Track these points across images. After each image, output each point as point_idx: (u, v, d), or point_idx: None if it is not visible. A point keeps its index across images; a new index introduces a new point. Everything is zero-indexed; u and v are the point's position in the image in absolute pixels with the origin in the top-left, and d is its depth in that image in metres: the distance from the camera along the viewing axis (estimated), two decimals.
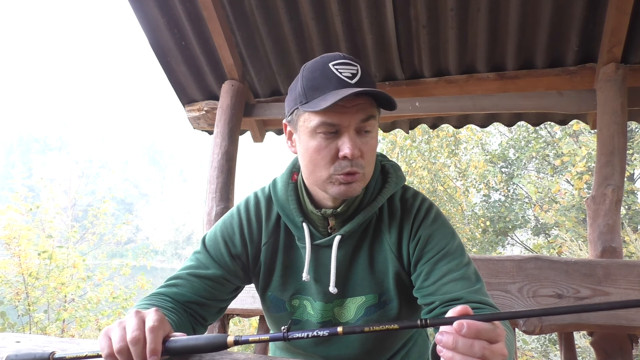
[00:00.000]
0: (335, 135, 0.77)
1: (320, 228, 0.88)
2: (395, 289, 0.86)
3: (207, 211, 1.94)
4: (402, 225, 0.88)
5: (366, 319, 0.87)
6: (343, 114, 0.75)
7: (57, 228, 5.90)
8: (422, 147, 7.78)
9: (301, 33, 2.00)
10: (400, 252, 0.87)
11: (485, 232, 7.54)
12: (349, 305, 0.88)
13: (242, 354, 0.75)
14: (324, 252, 0.88)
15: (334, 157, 0.77)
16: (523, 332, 1.29)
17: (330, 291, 0.84)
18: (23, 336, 0.80)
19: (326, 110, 0.74)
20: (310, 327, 0.90)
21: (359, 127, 0.77)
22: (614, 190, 1.58)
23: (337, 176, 0.78)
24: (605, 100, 1.68)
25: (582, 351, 4.68)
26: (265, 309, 0.97)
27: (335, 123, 0.75)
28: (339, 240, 0.85)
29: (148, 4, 1.91)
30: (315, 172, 0.80)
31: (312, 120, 0.77)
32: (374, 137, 0.81)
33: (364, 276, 0.87)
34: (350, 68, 0.77)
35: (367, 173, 0.80)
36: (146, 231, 36.07)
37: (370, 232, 0.88)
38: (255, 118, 2.20)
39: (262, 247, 0.92)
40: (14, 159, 51.75)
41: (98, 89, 71.85)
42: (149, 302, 0.80)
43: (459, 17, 1.80)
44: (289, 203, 0.89)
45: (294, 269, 0.91)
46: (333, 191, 0.80)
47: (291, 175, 0.92)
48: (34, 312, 4.75)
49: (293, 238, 0.91)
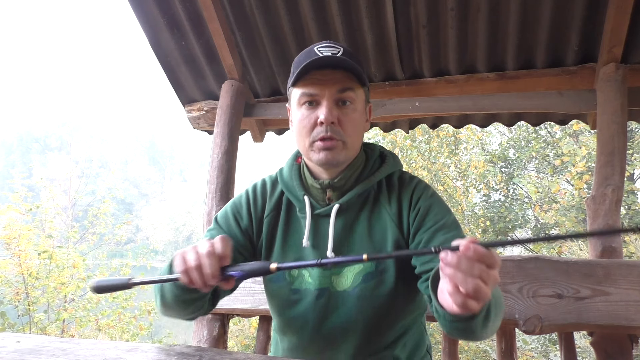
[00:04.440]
0: (316, 106, 0.86)
1: (320, 201, 0.95)
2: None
3: (207, 211, 1.94)
4: (401, 197, 0.94)
5: (363, 286, 0.90)
6: (320, 85, 0.85)
7: (57, 228, 5.91)
8: (422, 147, 7.78)
9: (301, 33, 2.00)
10: (400, 220, 0.92)
11: (485, 232, 7.54)
12: (346, 274, 0.92)
13: (242, 354, 0.75)
14: (323, 222, 0.94)
15: (313, 124, 0.86)
16: (523, 332, 1.29)
17: (328, 257, 0.89)
18: (23, 336, 0.80)
19: (305, 83, 0.86)
20: (308, 295, 0.93)
21: (337, 97, 0.86)
22: (614, 190, 1.58)
23: (316, 142, 0.86)
24: (605, 100, 1.68)
25: (582, 351, 4.68)
26: (266, 284, 1.01)
27: (313, 93, 0.86)
28: (337, 209, 0.92)
29: (148, 4, 1.91)
30: (300, 141, 0.90)
31: (297, 94, 0.88)
32: (356, 109, 0.88)
33: (362, 245, 0.92)
34: (332, 49, 0.87)
35: (349, 143, 0.88)
36: (146, 231, 36.06)
37: (369, 203, 0.95)
38: (255, 118, 2.20)
39: (265, 219, 0.99)
40: (14, 159, 51.77)
41: (98, 89, 71.89)
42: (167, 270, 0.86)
43: (459, 17, 1.80)
44: (292, 180, 0.97)
45: (293, 239, 0.96)
46: (315, 158, 0.88)
47: (296, 158, 1.01)
48: (34, 312, 4.76)
49: (293, 211, 0.98)
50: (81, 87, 70.98)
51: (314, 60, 0.83)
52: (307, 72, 0.85)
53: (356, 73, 0.86)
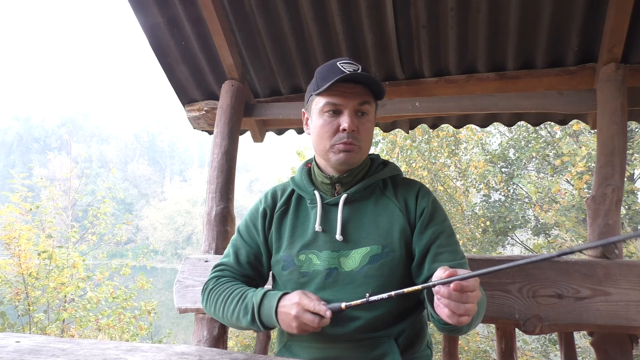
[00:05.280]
0: (337, 115, 1.01)
1: (329, 195, 1.09)
2: (399, 241, 1.02)
3: (207, 211, 1.93)
4: (407, 193, 1.08)
5: (369, 267, 1.01)
6: (344, 97, 1.00)
7: (57, 228, 5.91)
8: (422, 147, 7.76)
9: (301, 33, 2.00)
10: (407, 211, 1.05)
11: (485, 232, 7.53)
12: (354, 256, 1.02)
13: (242, 354, 0.75)
14: (332, 210, 1.07)
15: (335, 130, 1.01)
16: (523, 332, 1.29)
17: (337, 239, 1.02)
18: (23, 336, 0.80)
19: (330, 93, 1.00)
20: (316, 276, 1.03)
21: (356, 109, 1.01)
22: (614, 190, 1.58)
23: (337, 145, 1.01)
24: (605, 100, 1.68)
25: (582, 351, 4.68)
26: (278, 275, 1.11)
27: (337, 103, 1.00)
28: (345, 199, 1.06)
29: (148, 4, 1.91)
30: (320, 143, 1.04)
31: (320, 102, 1.02)
32: (370, 120, 1.04)
33: (369, 230, 1.03)
34: (353, 65, 1.01)
35: (363, 148, 1.03)
36: (146, 231, 35.98)
37: (375, 196, 1.08)
38: (255, 118, 2.20)
39: (275, 214, 1.13)
40: (14, 159, 51.70)
41: (98, 89, 71.84)
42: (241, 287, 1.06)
43: (459, 17, 1.80)
44: (303, 180, 1.13)
45: (302, 228, 1.09)
46: (335, 158, 1.02)
47: (306, 164, 1.18)
48: (33, 312, 4.76)
49: (303, 204, 1.12)
50: (81, 87, 70.95)
51: (345, 76, 0.97)
52: (334, 84, 0.98)
53: (374, 89, 1.02)
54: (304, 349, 1.03)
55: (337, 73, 0.98)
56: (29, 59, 78.49)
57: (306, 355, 1.02)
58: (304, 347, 1.04)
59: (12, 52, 78.28)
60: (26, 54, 79.88)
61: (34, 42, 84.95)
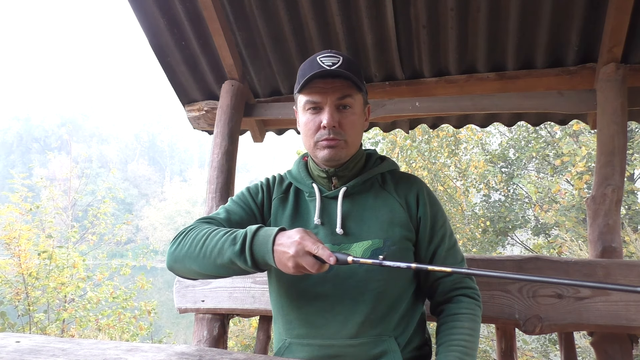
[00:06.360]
0: (319, 111, 1.00)
1: (327, 188, 1.07)
2: (400, 235, 1.02)
3: (207, 211, 1.94)
4: (408, 187, 1.08)
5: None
6: (322, 93, 0.98)
7: (57, 228, 5.91)
8: (422, 147, 7.76)
9: (301, 33, 2.00)
10: (408, 205, 1.06)
11: (485, 232, 7.53)
12: (355, 249, 1.01)
13: (242, 354, 0.75)
14: (331, 203, 1.06)
15: (317, 127, 1.00)
16: (523, 332, 1.29)
17: (337, 232, 1.01)
18: (23, 336, 0.80)
19: (310, 91, 0.99)
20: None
21: (337, 103, 0.99)
22: (614, 190, 1.58)
23: (320, 142, 1.00)
24: (605, 100, 1.68)
25: (582, 351, 4.68)
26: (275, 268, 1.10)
27: (316, 100, 0.99)
28: (344, 192, 1.05)
29: (148, 4, 1.91)
30: (306, 140, 1.04)
31: (302, 100, 1.01)
32: (355, 113, 1.02)
33: (369, 224, 1.02)
34: (333, 59, 0.98)
35: (349, 141, 1.01)
36: (146, 231, 35.99)
37: (374, 189, 1.08)
38: (255, 118, 2.20)
39: (273, 200, 1.12)
40: (14, 159, 51.71)
41: (98, 89, 71.87)
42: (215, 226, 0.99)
43: (459, 17, 1.80)
44: (300, 173, 1.11)
45: (301, 220, 1.07)
46: (320, 155, 1.01)
47: (302, 158, 1.16)
48: (34, 312, 4.75)
49: (302, 196, 1.11)
50: (81, 86, 70.97)
51: (317, 73, 0.96)
52: (310, 81, 0.97)
53: (353, 81, 0.98)
54: (303, 347, 1.02)
55: (316, 68, 0.96)
56: (29, 59, 78.49)
57: (305, 354, 1.01)
58: (303, 344, 1.02)
59: (12, 52, 78.28)
60: (26, 54, 79.89)
61: (34, 42, 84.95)
